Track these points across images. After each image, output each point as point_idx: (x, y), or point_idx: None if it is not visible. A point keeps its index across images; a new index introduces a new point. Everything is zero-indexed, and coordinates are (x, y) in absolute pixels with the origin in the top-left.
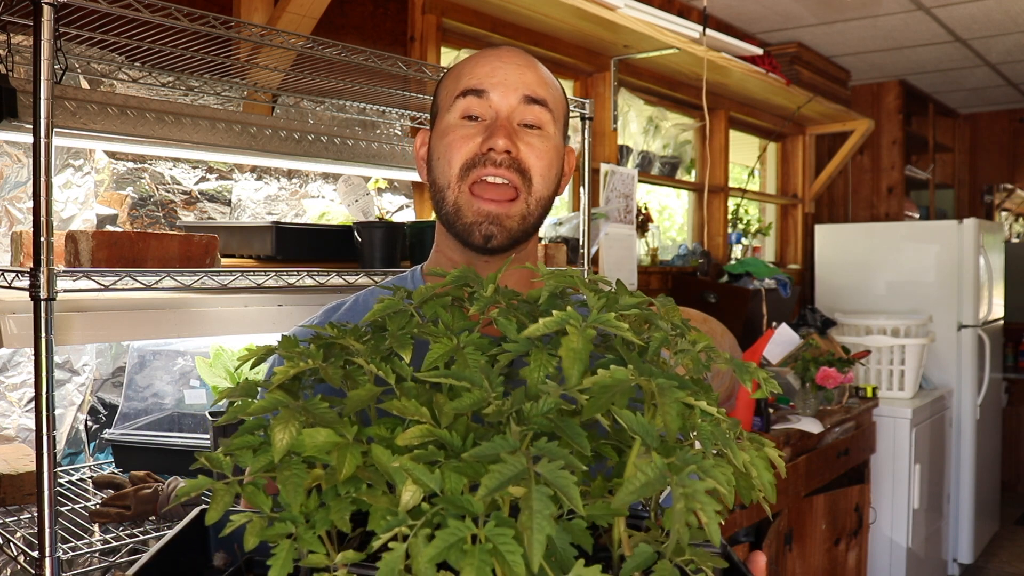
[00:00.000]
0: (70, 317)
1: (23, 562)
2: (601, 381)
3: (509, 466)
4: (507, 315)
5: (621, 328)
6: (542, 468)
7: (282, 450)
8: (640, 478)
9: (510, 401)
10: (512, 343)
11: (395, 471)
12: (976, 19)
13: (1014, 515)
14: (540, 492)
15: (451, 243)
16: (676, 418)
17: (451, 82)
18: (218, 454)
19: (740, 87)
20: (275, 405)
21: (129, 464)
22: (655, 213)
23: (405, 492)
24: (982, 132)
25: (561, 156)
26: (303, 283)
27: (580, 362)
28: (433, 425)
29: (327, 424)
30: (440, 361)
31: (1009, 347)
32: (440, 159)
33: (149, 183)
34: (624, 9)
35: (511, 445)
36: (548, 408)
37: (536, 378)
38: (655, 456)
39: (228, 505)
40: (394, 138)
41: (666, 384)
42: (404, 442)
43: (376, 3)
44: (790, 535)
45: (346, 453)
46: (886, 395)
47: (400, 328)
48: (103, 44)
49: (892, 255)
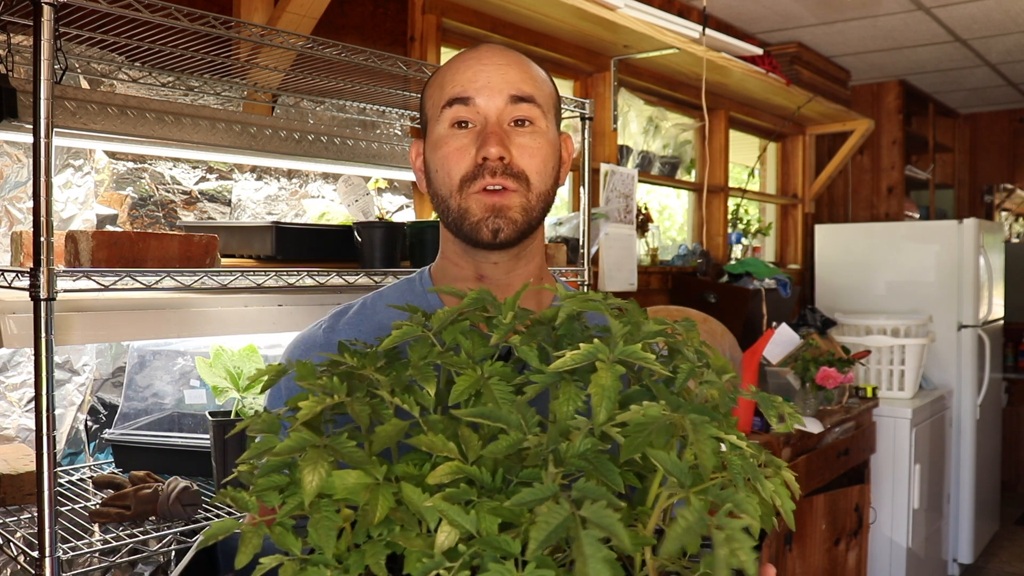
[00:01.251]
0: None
1: (23, 562)
2: (635, 419)
3: (554, 515)
4: (528, 342)
5: (649, 361)
6: (587, 512)
7: (312, 493)
8: (682, 524)
9: (545, 443)
10: (538, 374)
11: (428, 511)
12: (976, 19)
13: (1014, 515)
14: (590, 536)
15: (457, 247)
16: (711, 456)
17: (435, 91)
18: (243, 494)
19: (740, 87)
20: (302, 445)
21: (129, 464)
22: (655, 213)
23: (440, 533)
24: (982, 132)
25: (557, 147)
26: (303, 283)
27: (609, 400)
28: (462, 461)
29: (356, 464)
30: (467, 395)
31: (1009, 347)
32: (438, 171)
33: (149, 183)
34: (624, 9)
35: (550, 491)
36: (585, 449)
37: (565, 412)
38: (694, 500)
39: (257, 548)
40: (394, 138)
41: (699, 420)
42: (435, 480)
43: (376, 3)
44: (790, 535)
45: (378, 495)
46: (886, 395)
47: (422, 358)
48: (103, 44)
49: (892, 255)
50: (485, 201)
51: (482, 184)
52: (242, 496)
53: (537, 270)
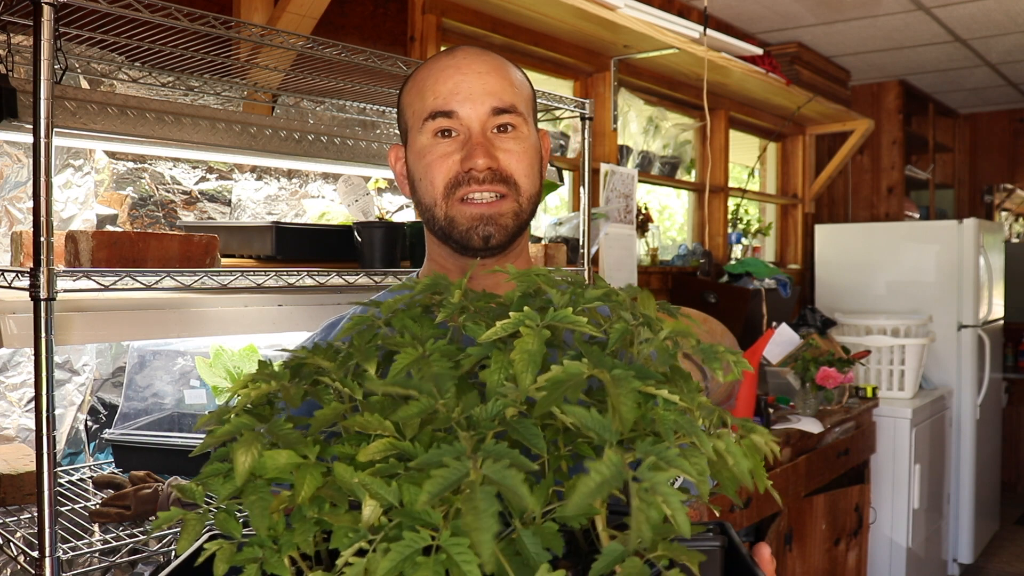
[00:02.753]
0: (70, 317)
1: (23, 562)
2: (554, 377)
3: (452, 470)
4: (475, 319)
5: (579, 323)
6: (487, 468)
7: (244, 473)
8: (595, 477)
9: (459, 407)
10: (476, 347)
11: (356, 487)
12: (976, 19)
13: (1014, 515)
14: (484, 492)
15: (444, 251)
16: (632, 409)
17: (415, 99)
18: (190, 484)
19: (740, 87)
20: (239, 429)
21: (129, 464)
22: (655, 213)
23: (365, 508)
24: (982, 132)
25: (538, 147)
26: (303, 283)
27: (534, 364)
28: (397, 438)
29: (289, 445)
30: (405, 371)
31: (1009, 347)
32: (422, 180)
33: (149, 183)
34: (624, 9)
35: (458, 451)
36: (497, 411)
37: (495, 380)
38: (609, 452)
39: (199, 535)
40: (394, 138)
41: (622, 374)
42: (366, 457)
43: (376, 3)
44: (790, 535)
45: (306, 473)
46: (886, 395)
47: (367, 342)
48: (103, 44)
49: (892, 255)
50: (471, 211)
51: (466, 192)
52: (189, 487)
53: (524, 266)
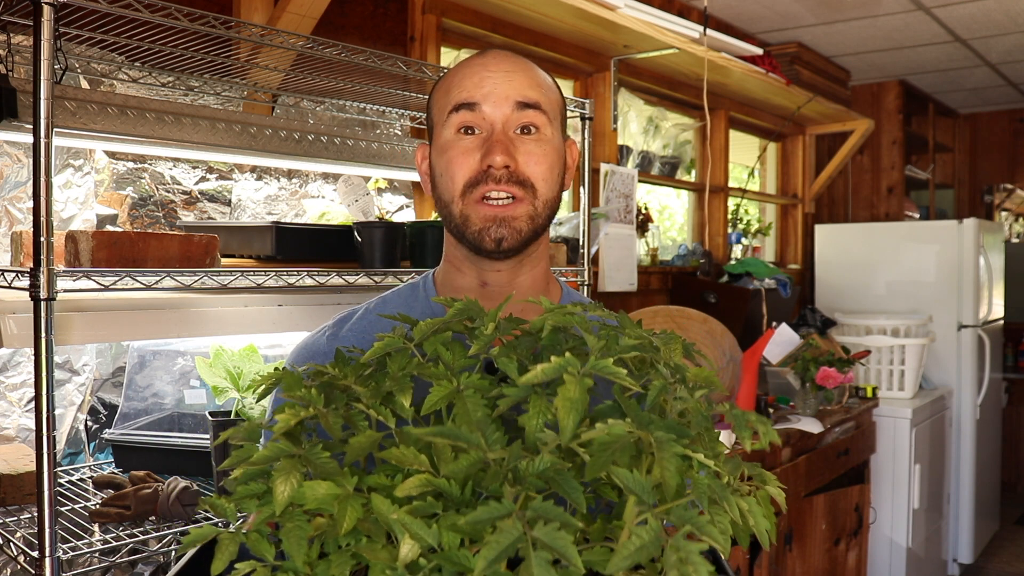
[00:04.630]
0: (70, 317)
1: (23, 562)
2: (599, 439)
3: (505, 535)
4: (508, 353)
5: (619, 375)
6: (539, 532)
7: (283, 503)
8: (635, 542)
9: (506, 460)
10: (512, 387)
11: (395, 524)
12: (976, 19)
13: (1014, 515)
14: (540, 559)
15: (460, 253)
16: (675, 475)
17: (441, 96)
18: (223, 501)
19: (740, 87)
20: (278, 455)
21: (129, 464)
22: (655, 213)
23: (404, 546)
24: (982, 132)
25: (562, 153)
26: (303, 283)
27: (576, 412)
28: (432, 474)
29: (327, 475)
30: (438, 406)
31: (1009, 347)
32: (443, 176)
33: (149, 183)
34: (624, 9)
35: (506, 509)
36: (544, 468)
37: (534, 426)
38: (651, 520)
39: (233, 555)
40: (394, 138)
41: (664, 438)
42: (403, 493)
43: (376, 3)
44: (790, 535)
45: (347, 506)
46: (886, 395)
47: (400, 369)
48: (103, 44)
49: (892, 255)
50: (486, 212)
51: (484, 191)
52: (221, 504)
53: (542, 275)
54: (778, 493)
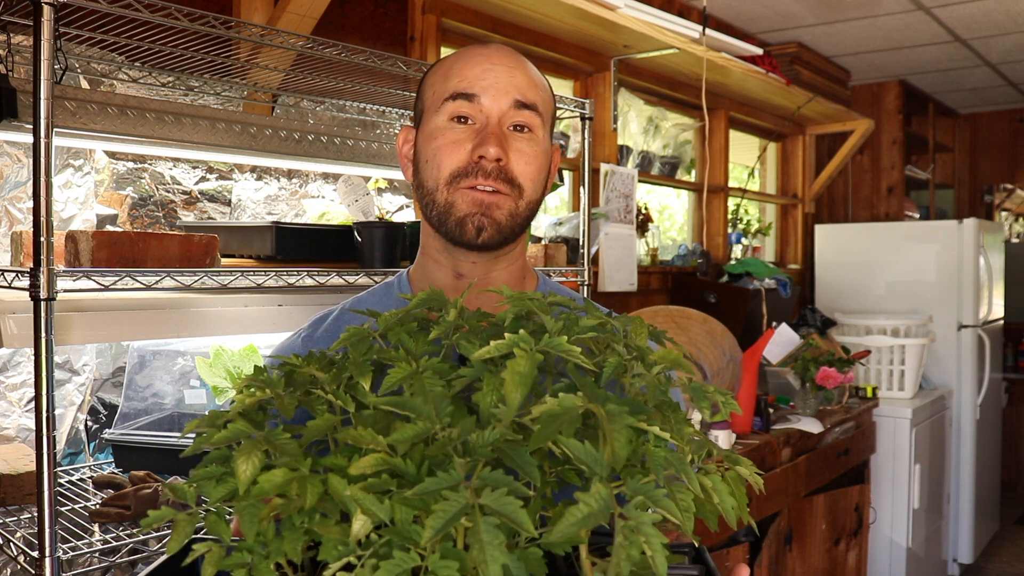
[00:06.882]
0: (70, 317)
1: (23, 562)
2: (549, 410)
3: (452, 503)
4: (470, 338)
5: (573, 352)
6: (486, 498)
7: (246, 482)
8: (582, 509)
9: (456, 431)
10: (469, 368)
11: (348, 500)
12: (976, 19)
13: (1014, 515)
14: (487, 523)
15: (437, 243)
16: (625, 445)
17: (438, 81)
18: (182, 484)
19: (740, 87)
20: (237, 436)
21: (129, 464)
22: (655, 213)
23: (356, 522)
24: (982, 132)
25: (550, 157)
26: (303, 283)
27: (523, 386)
28: (388, 453)
29: (286, 454)
30: (396, 387)
31: (1009, 347)
32: (428, 162)
33: (149, 183)
34: (624, 9)
35: (454, 480)
36: (494, 439)
37: (488, 403)
38: (599, 487)
39: (189, 535)
40: (394, 138)
41: (616, 410)
42: (357, 471)
43: (376, 3)
44: (790, 535)
45: (306, 484)
46: (886, 395)
47: (362, 355)
48: (103, 44)
49: (892, 255)
50: (473, 196)
51: (472, 183)
52: (181, 487)
53: (519, 270)
54: (750, 474)
